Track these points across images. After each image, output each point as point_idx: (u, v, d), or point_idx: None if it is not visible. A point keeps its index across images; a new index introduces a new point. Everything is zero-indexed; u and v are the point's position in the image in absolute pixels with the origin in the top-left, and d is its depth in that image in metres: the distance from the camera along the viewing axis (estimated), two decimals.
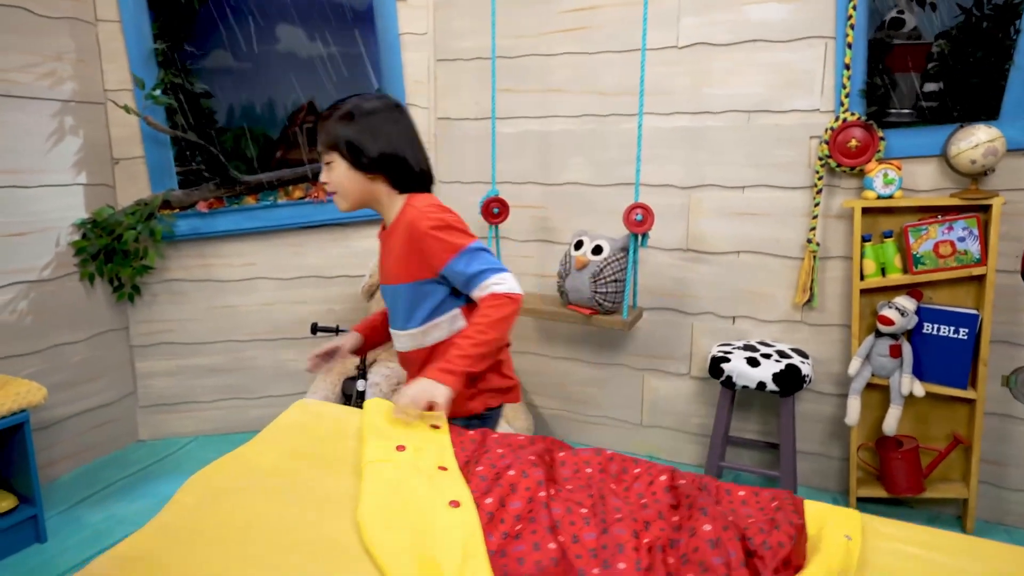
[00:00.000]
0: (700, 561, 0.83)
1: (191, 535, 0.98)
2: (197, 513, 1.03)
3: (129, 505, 2.53)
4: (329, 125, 1.53)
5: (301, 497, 1.08)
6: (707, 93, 2.59)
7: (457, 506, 0.96)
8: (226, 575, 0.89)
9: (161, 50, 2.74)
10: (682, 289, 2.77)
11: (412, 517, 0.96)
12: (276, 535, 0.98)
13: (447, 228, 1.49)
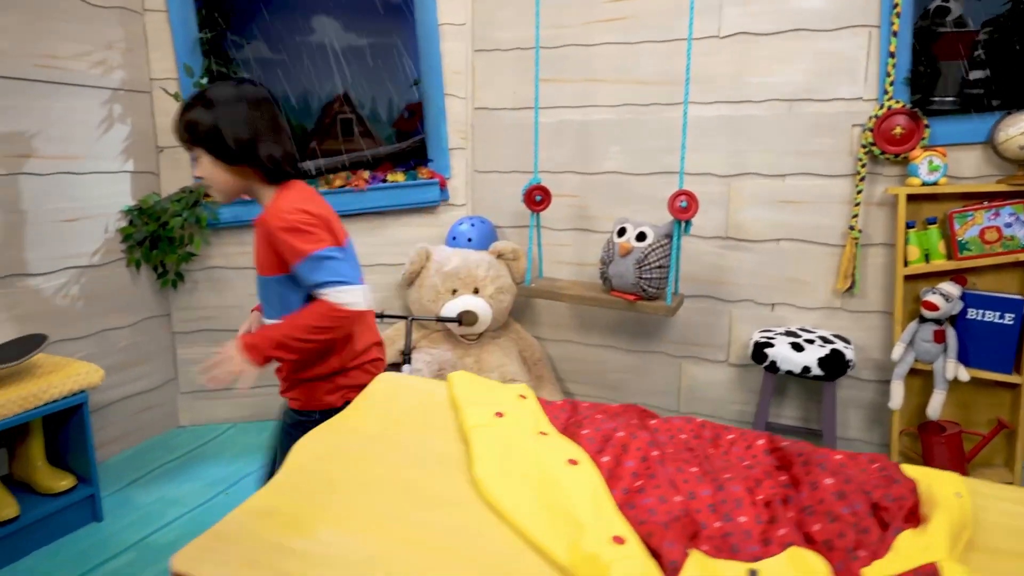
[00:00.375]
0: (827, 512, 0.86)
1: (313, 491, 1.01)
2: (314, 473, 1.06)
3: (179, 487, 2.56)
4: (189, 117, 1.49)
5: (411, 459, 1.11)
6: (748, 82, 2.62)
7: (576, 464, 0.99)
8: (357, 525, 0.92)
9: (206, 39, 2.77)
10: (721, 276, 2.80)
11: (532, 474, 0.99)
12: (397, 492, 1.01)
13: (294, 231, 1.44)
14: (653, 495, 0.92)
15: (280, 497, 0.99)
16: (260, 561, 0.85)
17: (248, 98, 1.51)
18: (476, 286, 2.83)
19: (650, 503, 0.90)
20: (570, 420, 1.21)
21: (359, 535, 0.90)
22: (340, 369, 1.55)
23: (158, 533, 2.28)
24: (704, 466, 1.03)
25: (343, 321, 1.44)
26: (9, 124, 2.29)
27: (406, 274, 2.90)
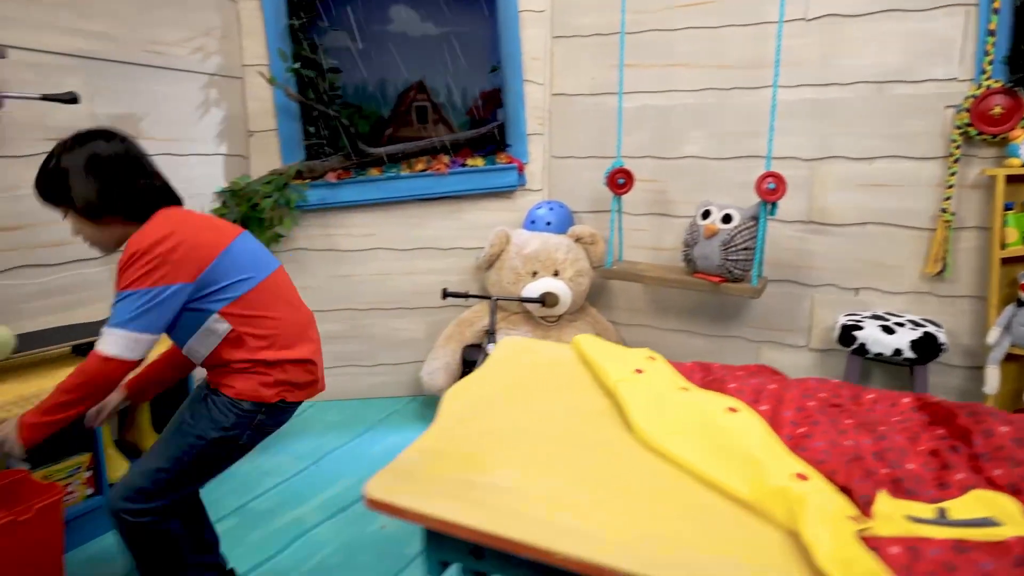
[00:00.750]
0: (1008, 457, 0.87)
1: (474, 436, 1.05)
2: (470, 421, 1.10)
3: (270, 459, 2.64)
4: (44, 185, 1.48)
5: (559, 410, 1.15)
6: (836, 64, 2.60)
7: (736, 411, 1.01)
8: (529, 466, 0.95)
9: (296, 26, 2.85)
10: (803, 261, 2.78)
11: (692, 420, 1.02)
12: (555, 439, 1.04)
13: (128, 267, 1.40)
14: (822, 439, 0.94)
15: (445, 441, 1.04)
16: (449, 492, 0.88)
17: (99, 152, 1.47)
18: (556, 268, 2.86)
19: (822, 446, 0.92)
20: (706, 378, 1.23)
21: (534, 475, 0.94)
22: (275, 362, 1.52)
23: (256, 500, 2.36)
24: (857, 418, 1.04)
25: (106, 367, 1.37)
26: (122, 106, 2.39)
27: (486, 256, 2.94)
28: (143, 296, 1.37)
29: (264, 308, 1.54)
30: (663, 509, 0.85)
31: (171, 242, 1.41)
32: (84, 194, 1.45)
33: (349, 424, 2.98)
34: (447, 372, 2.91)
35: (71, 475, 2.05)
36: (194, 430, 1.53)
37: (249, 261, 1.56)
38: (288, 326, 1.58)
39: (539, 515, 0.83)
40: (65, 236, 2.27)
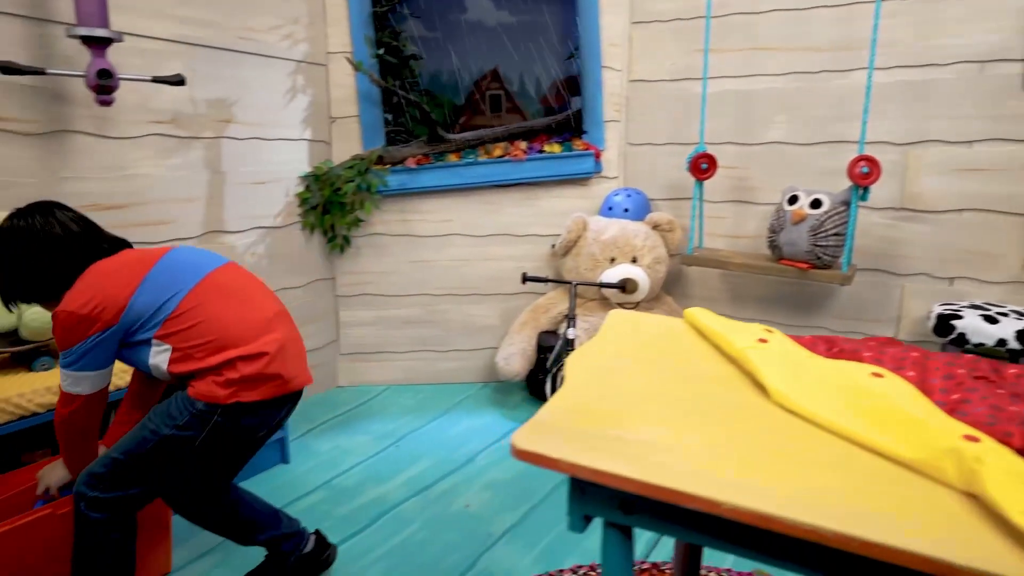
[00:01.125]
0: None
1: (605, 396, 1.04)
2: (597, 384, 1.09)
3: (350, 438, 2.69)
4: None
5: (686, 376, 1.13)
6: (933, 44, 2.51)
7: (881, 376, 0.98)
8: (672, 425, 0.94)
9: (379, 14, 2.90)
10: (892, 249, 2.69)
11: (836, 384, 0.99)
12: (690, 402, 1.03)
13: (59, 336, 1.45)
14: (982, 405, 0.90)
15: (578, 399, 1.03)
16: (598, 445, 0.88)
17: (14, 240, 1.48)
18: (634, 255, 2.84)
19: (983, 411, 0.88)
20: (831, 350, 1.19)
21: (680, 432, 0.92)
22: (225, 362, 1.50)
23: (340, 477, 2.40)
24: (1009, 389, 1.00)
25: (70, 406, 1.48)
26: (216, 91, 2.47)
27: (563, 242, 2.93)
28: (78, 350, 1.44)
29: (201, 314, 1.51)
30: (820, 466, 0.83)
31: (85, 303, 1.44)
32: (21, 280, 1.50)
33: (424, 408, 3.01)
34: (523, 357, 2.91)
35: None
36: (150, 424, 1.53)
37: (172, 278, 1.54)
38: (236, 323, 1.54)
39: (696, 468, 0.82)
40: (168, 215, 2.37)
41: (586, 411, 0.98)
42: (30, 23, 1.93)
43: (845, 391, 0.97)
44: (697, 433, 0.92)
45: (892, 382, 0.96)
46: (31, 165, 1.96)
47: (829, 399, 0.96)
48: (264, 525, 1.77)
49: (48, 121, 1.99)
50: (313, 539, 1.86)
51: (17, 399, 1.68)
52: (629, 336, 1.33)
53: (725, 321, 1.33)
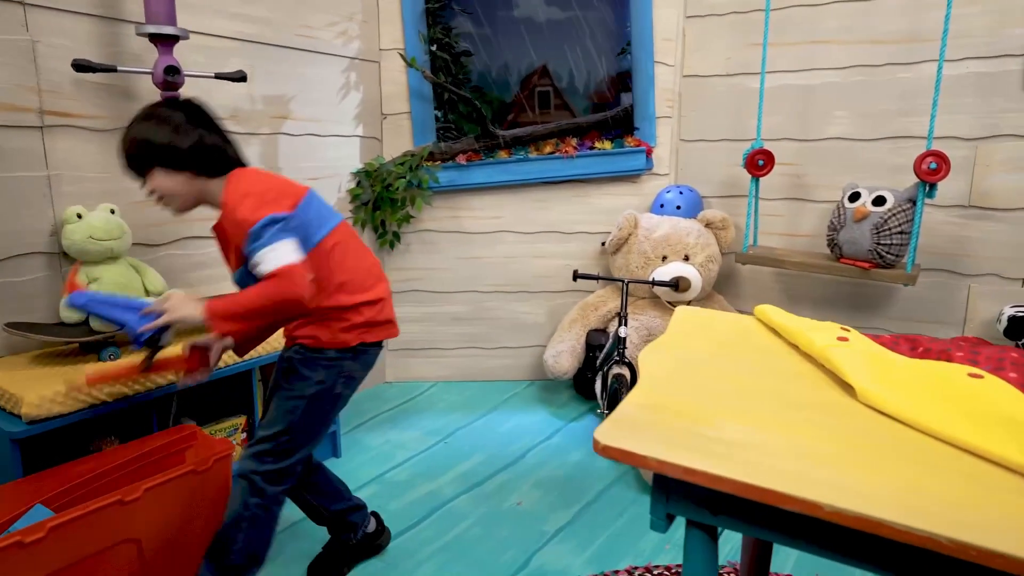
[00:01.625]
0: None
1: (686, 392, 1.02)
2: (675, 380, 1.07)
3: (401, 433, 2.70)
4: (131, 138, 1.50)
5: (767, 373, 1.10)
6: (1009, 34, 2.40)
7: (980, 378, 0.93)
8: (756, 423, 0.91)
9: (434, 9, 2.90)
10: (959, 248, 2.59)
11: (931, 384, 0.95)
12: (774, 399, 1.00)
13: (240, 210, 1.43)
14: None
15: (657, 396, 1.01)
16: (681, 442, 0.85)
17: (170, 113, 1.52)
18: (686, 253, 2.79)
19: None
20: (916, 350, 1.15)
21: (766, 430, 0.89)
22: (351, 306, 1.57)
23: (393, 471, 2.42)
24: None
25: (286, 283, 1.40)
26: (274, 88, 2.50)
27: (614, 240, 2.90)
28: (273, 221, 1.41)
29: (340, 253, 1.58)
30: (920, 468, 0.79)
31: (262, 188, 1.50)
32: (161, 145, 1.48)
33: (472, 404, 3.00)
34: (572, 355, 2.89)
35: (230, 435, 2.16)
36: (293, 392, 1.59)
37: (321, 208, 1.62)
38: (362, 269, 1.64)
39: (789, 468, 0.79)
40: None
41: (667, 408, 0.96)
42: (102, 22, 1.98)
43: (941, 391, 0.92)
44: (785, 432, 0.89)
45: (993, 383, 0.92)
46: (99, 160, 2.01)
47: (923, 399, 0.92)
48: (341, 494, 1.87)
49: (116, 117, 2.04)
50: (373, 520, 1.93)
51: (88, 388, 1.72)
52: (700, 333, 1.30)
53: (797, 319, 1.29)
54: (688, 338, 1.27)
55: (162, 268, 2.18)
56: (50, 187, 1.92)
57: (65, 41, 1.90)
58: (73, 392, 1.66)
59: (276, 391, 1.64)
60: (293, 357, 1.62)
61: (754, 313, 1.39)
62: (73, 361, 1.86)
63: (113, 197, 2.04)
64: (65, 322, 1.89)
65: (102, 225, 1.91)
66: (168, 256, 2.23)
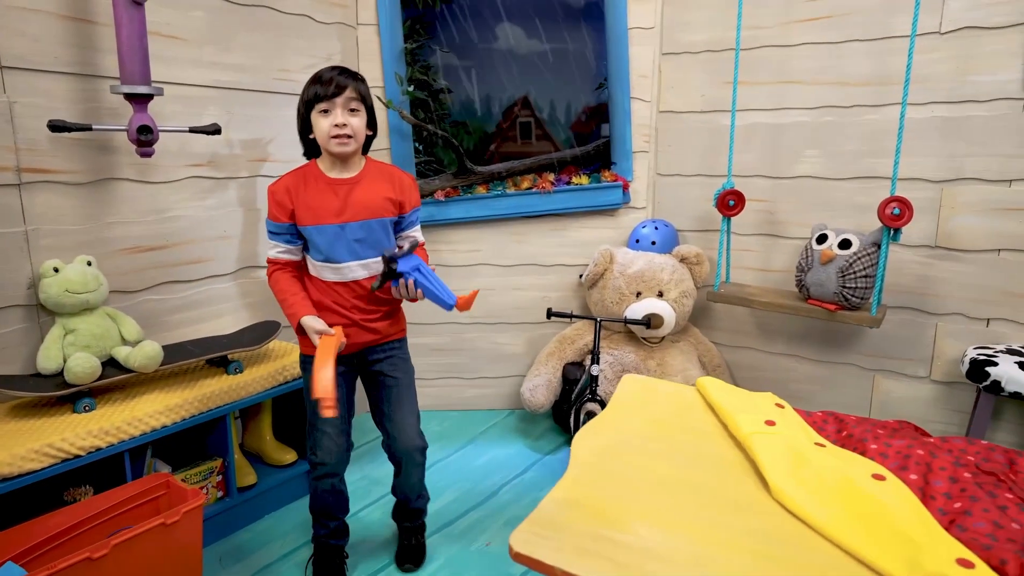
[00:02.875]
0: None
1: (608, 486, 1.06)
2: (601, 469, 1.11)
3: (379, 468, 2.75)
4: (360, 81, 1.85)
5: (692, 460, 1.14)
6: (972, 80, 2.44)
7: (882, 479, 0.98)
8: (667, 523, 0.96)
9: (410, 50, 2.95)
10: (927, 288, 2.63)
11: (836, 486, 0.99)
12: (692, 493, 1.04)
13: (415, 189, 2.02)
14: (983, 519, 0.89)
15: (579, 490, 1.05)
16: (589, 548, 0.90)
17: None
18: (660, 289, 2.84)
19: (984, 528, 0.88)
20: (840, 433, 1.19)
21: (669, 532, 0.94)
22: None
23: (366, 510, 2.46)
24: (1016, 492, 0.99)
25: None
26: (253, 132, 2.55)
27: (589, 275, 2.95)
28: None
29: None
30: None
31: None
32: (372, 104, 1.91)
33: (451, 435, 3.05)
34: (548, 389, 2.93)
35: (205, 478, 2.21)
36: (412, 373, 2.09)
37: None
38: None
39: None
40: (205, 253, 2.46)
41: (585, 505, 1.01)
42: (79, 79, 2.03)
43: (845, 494, 0.97)
44: (691, 535, 0.93)
45: (892, 487, 0.96)
46: (78, 212, 2.07)
47: (827, 500, 0.96)
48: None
49: (93, 170, 2.10)
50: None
51: (60, 442, 1.77)
52: (640, 408, 1.35)
53: (735, 395, 1.33)
54: (627, 415, 1.32)
55: (140, 313, 2.24)
56: (28, 241, 1.97)
57: (41, 100, 1.95)
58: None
59: (402, 381, 2.03)
60: (395, 352, 2.03)
61: (696, 385, 1.43)
62: (48, 413, 1.92)
63: (89, 248, 2.09)
64: (42, 373, 1.94)
65: (78, 278, 1.97)
66: (146, 302, 2.28)
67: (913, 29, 2.23)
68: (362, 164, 1.94)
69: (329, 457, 1.98)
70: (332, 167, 1.91)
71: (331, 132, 1.81)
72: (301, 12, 2.69)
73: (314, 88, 1.83)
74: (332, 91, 1.80)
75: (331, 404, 1.68)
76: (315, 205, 1.86)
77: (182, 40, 2.28)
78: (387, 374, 2.02)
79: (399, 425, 2.01)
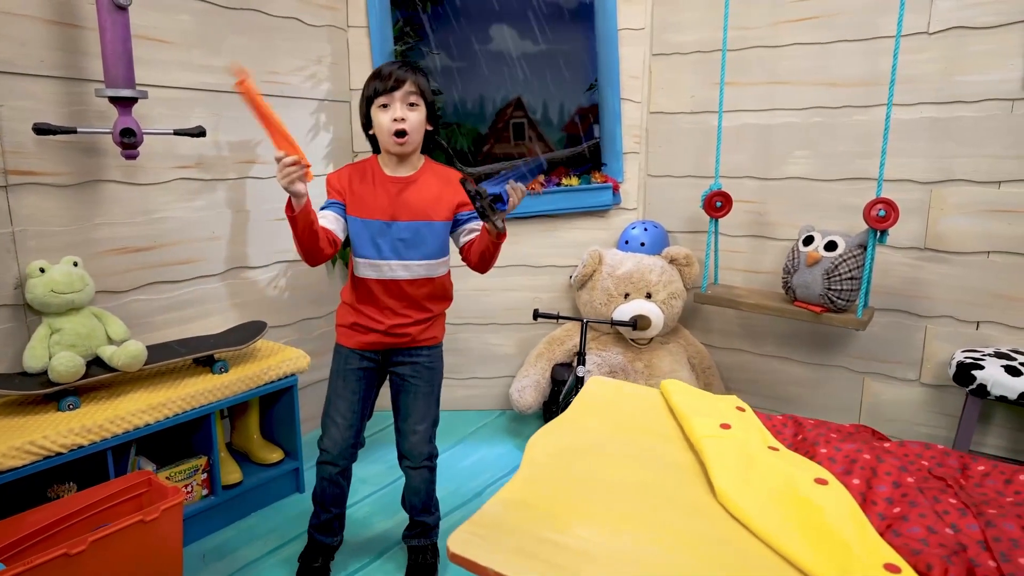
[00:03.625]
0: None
1: (557, 486, 1.07)
2: (553, 469, 1.12)
3: (368, 467, 2.77)
4: (419, 75, 1.84)
5: (644, 462, 1.15)
6: (960, 81, 2.43)
7: (824, 483, 0.98)
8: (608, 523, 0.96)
9: (400, 52, 2.97)
10: (916, 290, 2.61)
11: (778, 490, 0.99)
12: (638, 494, 1.05)
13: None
14: (919, 524, 0.89)
15: (528, 490, 1.06)
16: (527, 550, 0.91)
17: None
18: (649, 291, 2.83)
19: (918, 533, 0.87)
20: (797, 437, 1.19)
21: (612, 534, 0.95)
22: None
23: (353, 507, 2.48)
24: (962, 497, 0.98)
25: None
26: (241, 134, 2.58)
27: (578, 276, 2.95)
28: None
29: None
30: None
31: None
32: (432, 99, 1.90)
33: (442, 435, 3.02)
34: (536, 390, 2.94)
35: (190, 476, 2.24)
36: (437, 380, 2.04)
37: None
38: None
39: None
40: (194, 254, 2.48)
41: (529, 506, 1.02)
42: (64, 82, 2.06)
43: (786, 498, 0.97)
44: (634, 537, 0.94)
45: (833, 492, 0.96)
46: (64, 214, 2.10)
47: (768, 504, 0.97)
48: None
49: (80, 172, 2.12)
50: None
51: (42, 440, 1.80)
52: (601, 411, 1.35)
53: (696, 398, 1.33)
54: (586, 417, 1.32)
55: (128, 313, 2.27)
56: (15, 242, 2.00)
57: (28, 103, 1.98)
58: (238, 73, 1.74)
59: (423, 389, 2.01)
60: (424, 360, 2.00)
61: (659, 387, 1.43)
62: (33, 411, 1.95)
63: (76, 249, 2.12)
64: (28, 372, 1.97)
65: (63, 279, 2.00)
66: (134, 302, 2.31)
67: (898, 29, 2.22)
68: (420, 164, 1.94)
69: (333, 447, 2.01)
70: (389, 164, 1.92)
71: (391, 128, 1.81)
72: (290, 15, 2.71)
73: (373, 84, 1.84)
74: (391, 85, 1.80)
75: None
76: (367, 199, 1.89)
77: (169, 43, 2.31)
78: (407, 379, 2.01)
79: (409, 428, 2.02)
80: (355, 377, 2.00)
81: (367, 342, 1.96)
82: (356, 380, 2.00)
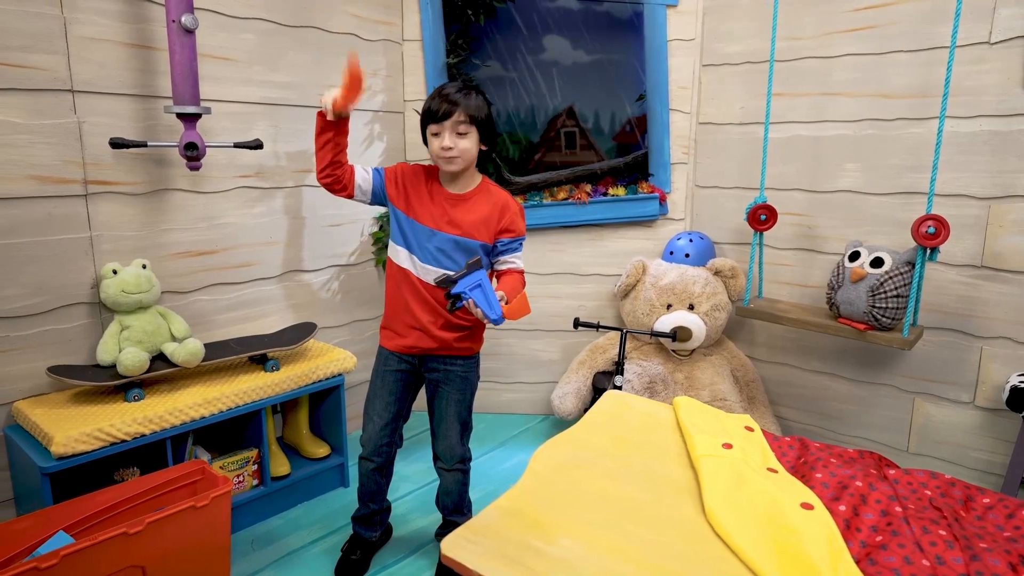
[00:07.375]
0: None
1: (552, 498, 1.12)
2: (551, 481, 1.17)
3: (409, 466, 2.88)
4: (472, 100, 1.85)
5: (640, 479, 1.18)
6: (1020, 93, 2.32)
7: (810, 508, 1.00)
8: (592, 536, 1.01)
9: (454, 63, 3.06)
10: (971, 309, 2.51)
11: (764, 512, 1.01)
12: (627, 509, 1.09)
13: (522, 216, 1.98)
14: (897, 554, 0.90)
15: (524, 500, 1.12)
16: (511, 556, 0.97)
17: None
18: (691, 302, 2.83)
19: (894, 562, 0.88)
20: (800, 459, 1.20)
21: (594, 546, 0.99)
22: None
23: (393, 504, 2.59)
24: (954, 530, 0.98)
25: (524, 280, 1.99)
26: (299, 145, 2.73)
27: (622, 286, 2.97)
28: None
29: None
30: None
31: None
32: (488, 120, 1.92)
33: (484, 438, 3.15)
34: (577, 397, 2.98)
35: (242, 467, 2.39)
36: (470, 389, 2.12)
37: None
38: None
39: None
40: (252, 258, 2.65)
41: (522, 515, 1.07)
42: (138, 100, 2.24)
43: (768, 520, 1.00)
44: (618, 552, 0.98)
45: (817, 517, 0.98)
46: (135, 220, 2.29)
47: (753, 528, 0.99)
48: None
49: (150, 182, 2.31)
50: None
51: (110, 428, 1.97)
52: (610, 424, 1.39)
53: (705, 416, 1.36)
54: (592, 431, 1.37)
55: (192, 312, 2.45)
56: (92, 246, 2.20)
57: (106, 119, 2.17)
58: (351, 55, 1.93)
59: (454, 397, 2.08)
60: (459, 369, 2.07)
61: (672, 403, 1.46)
62: (103, 400, 2.13)
63: (145, 252, 2.31)
64: (101, 364, 2.17)
65: (132, 280, 2.18)
66: (197, 302, 2.49)
67: (953, 40, 2.15)
68: (475, 183, 1.98)
69: (369, 444, 2.14)
70: (445, 178, 1.98)
71: (438, 153, 1.89)
72: (348, 31, 2.84)
73: (427, 105, 1.89)
74: (440, 115, 1.84)
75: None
76: (419, 204, 1.97)
77: (234, 61, 2.47)
78: (440, 385, 2.09)
79: (442, 432, 2.13)
80: (393, 378, 2.10)
81: (404, 345, 2.05)
82: (393, 381, 2.10)
